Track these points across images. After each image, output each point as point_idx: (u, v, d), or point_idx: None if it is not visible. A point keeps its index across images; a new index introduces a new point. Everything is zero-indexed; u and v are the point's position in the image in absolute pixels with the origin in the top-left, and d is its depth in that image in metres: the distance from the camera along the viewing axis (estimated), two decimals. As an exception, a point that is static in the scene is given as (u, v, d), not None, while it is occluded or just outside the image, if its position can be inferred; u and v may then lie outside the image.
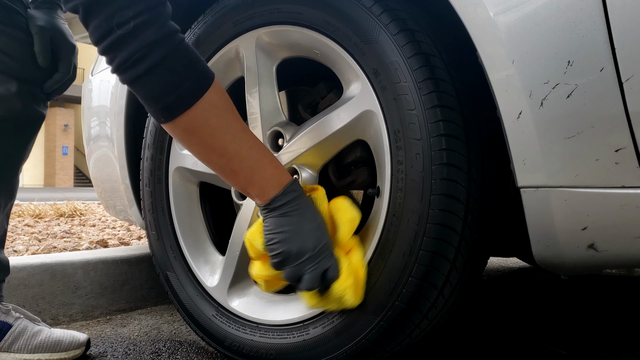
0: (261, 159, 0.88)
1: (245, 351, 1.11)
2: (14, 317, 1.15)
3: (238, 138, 0.86)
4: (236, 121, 0.87)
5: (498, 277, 2.22)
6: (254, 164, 0.87)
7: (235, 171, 0.88)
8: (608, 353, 1.25)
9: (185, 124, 0.83)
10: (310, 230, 0.88)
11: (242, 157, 0.87)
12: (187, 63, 0.82)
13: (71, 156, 27.36)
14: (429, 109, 0.89)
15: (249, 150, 0.87)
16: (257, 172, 0.88)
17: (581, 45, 0.76)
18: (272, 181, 0.89)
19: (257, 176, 0.89)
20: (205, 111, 0.82)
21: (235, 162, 0.88)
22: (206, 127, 0.84)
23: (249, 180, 0.89)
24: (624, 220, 0.78)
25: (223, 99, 0.85)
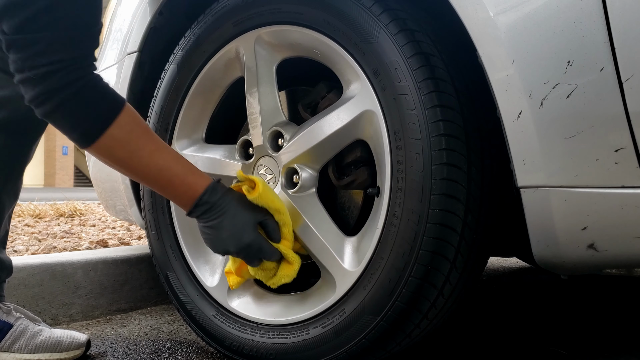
0: (172, 178, 0.97)
1: (245, 351, 1.11)
2: (14, 317, 1.15)
3: (145, 162, 0.95)
4: (146, 145, 0.95)
5: (498, 277, 2.22)
6: (166, 183, 0.97)
7: (154, 187, 1.00)
8: (608, 353, 1.25)
9: (95, 153, 0.94)
10: (227, 237, 0.99)
11: (152, 177, 0.97)
12: (89, 103, 0.90)
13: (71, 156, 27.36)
14: (429, 109, 0.89)
15: (159, 172, 0.96)
16: (169, 189, 0.98)
17: (581, 45, 0.76)
18: (185, 197, 0.98)
19: (171, 193, 1.00)
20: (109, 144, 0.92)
21: (148, 182, 0.99)
22: (113, 156, 0.94)
23: (167, 195, 1.01)
24: (624, 220, 0.78)
25: (128, 129, 0.93)
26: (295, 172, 1.09)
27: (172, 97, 1.27)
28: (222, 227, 0.98)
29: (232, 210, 0.98)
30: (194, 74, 1.24)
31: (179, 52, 1.26)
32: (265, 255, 1.01)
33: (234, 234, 0.98)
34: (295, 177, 1.10)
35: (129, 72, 1.39)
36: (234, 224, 0.98)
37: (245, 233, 0.99)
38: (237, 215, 0.99)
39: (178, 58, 1.26)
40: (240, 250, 1.00)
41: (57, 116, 0.90)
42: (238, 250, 1.00)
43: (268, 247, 1.00)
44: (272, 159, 1.13)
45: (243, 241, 0.99)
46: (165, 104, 1.28)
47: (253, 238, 0.99)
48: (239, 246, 0.99)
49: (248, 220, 0.99)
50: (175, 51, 1.27)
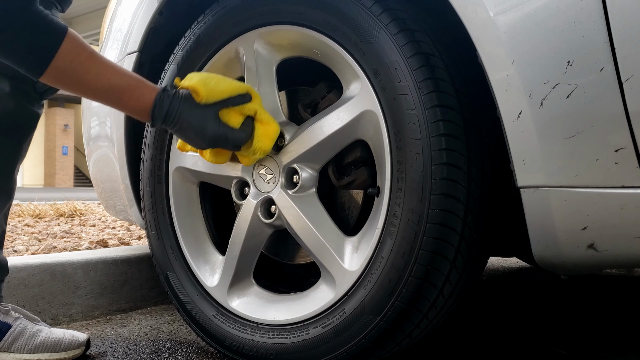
0: (121, 95, 0.99)
1: (245, 351, 1.11)
2: (13, 317, 1.15)
3: (92, 85, 0.97)
4: (90, 68, 0.97)
5: (498, 277, 2.22)
6: (117, 100, 1.00)
7: (109, 105, 1.03)
8: (608, 353, 1.25)
9: (48, 80, 0.96)
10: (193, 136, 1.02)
11: (103, 97, 1.00)
12: (29, 39, 0.91)
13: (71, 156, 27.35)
14: (429, 109, 0.89)
15: (107, 92, 0.99)
16: (123, 105, 1.02)
17: (581, 45, 0.76)
18: (139, 110, 1.01)
19: (127, 109, 1.04)
20: (57, 73, 0.94)
21: (102, 102, 1.02)
22: (63, 82, 0.97)
23: (125, 111, 1.06)
24: (624, 220, 0.78)
25: (72, 56, 0.94)
26: (295, 172, 1.09)
27: (172, 97, 1.27)
28: (186, 129, 1.01)
29: (185, 109, 1.01)
30: (194, 74, 1.23)
31: (179, 52, 1.26)
32: (233, 142, 1.04)
33: (197, 132, 1.01)
34: (295, 177, 1.10)
35: (129, 72, 1.39)
36: (192, 124, 1.01)
37: (206, 128, 1.01)
38: (192, 112, 1.01)
39: (178, 58, 1.26)
40: (210, 144, 1.03)
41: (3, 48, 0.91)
42: (209, 144, 1.03)
43: (232, 134, 1.03)
44: (272, 159, 1.13)
45: (207, 135, 1.01)
46: (165, 104, 1.28)
47: (214, 129, 1.02)
48: (207, 141, 1.02)
49: (205, 113, 1.02)
50: (175, 51, 1.27)
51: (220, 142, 1.03)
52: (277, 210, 1.11)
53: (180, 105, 1.00)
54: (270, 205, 1.14)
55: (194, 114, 1.01)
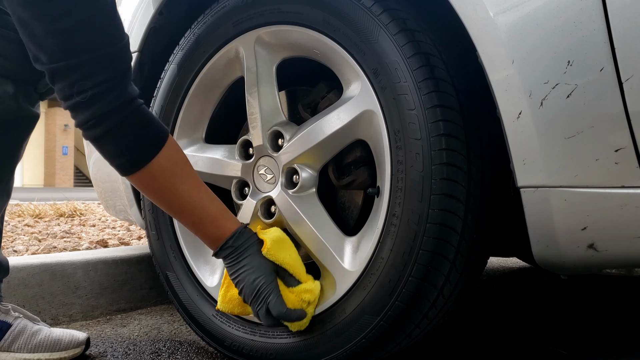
0: (204, 217, 1.00)
1: (245, 351, 1.11)
2: (13, 317, 1.15)
3: (182, 197, 0.97)
4: (187, 179, 0.97)
5: (498, 277, 2.22)
6: (197, 220, 1.00)
7: (184, 222, 1.03)
8: (608, 353, 1.25)
9: (137, 182, 0.96)
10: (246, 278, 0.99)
11: (186, 213, 0.99)
12: (139, 130, 0.93)
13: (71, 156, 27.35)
14: (429, 109, 0.89)
15: (193, 210, 0.98)
16: (199, 227, 1.01)
17: (581, 45, 0.76)
18: (212, 237, 1.01)
19: (200, 231, 1.02)
20: (154, 173, 0.94)
21: (179, 216, 1.02)
22: (154, 186, 0.96)
23: (195, 231, 1.03)
24: (624, 220, 0.78)
25: (173, 161, 0.95)
26: (295, 172, 1.09)
27: (172, 97, 1.27)
28: (241, 268, 1.00)
29: (251, 255, 1.00)
30: (194, 74, 1.24)
31: (179, 52, 1.26)
32: (271, 303, 0.98)
33: (249, 275, 0.99)
34: (295, 177, 1.10)
35: (129, 72, 1.39)
36: (251, 265, 0.99)
37: (259, 276, 0.99)
38: (255, 260, 1.00)
39: (178, 58, 1.26)
40: (252, 293, 0.98)
41: (105, 141, 0.92)
42: (252, 293, 0.99)
43: (276, 297, 0.98)
44: (272, 159, 1.13)
45: (256, 283, 0.98)
46: (165, 104, 1.28)
47: (265, 281, 0.98)
48: (253, 288, 0.98)
49: (264, 265, 1.00)
50: (175, 51, 1.27)
51: (261, 296, 0.98)
52: (277, 210, 1.11)
53: (253, 246, 1.00)
54: (270, 205, 1.14)
55: (257, 258, 1.00)
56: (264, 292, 0.98)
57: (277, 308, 0.98)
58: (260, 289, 0.98)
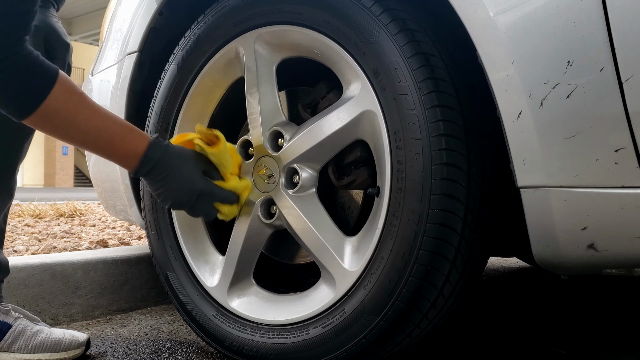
0: (111, 138, 0.97)
1: (245, 351, 1.11)
2: (13, 317, 1.15)
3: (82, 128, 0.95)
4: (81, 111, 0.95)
5: (498, 277, 2.22)
6: (106, 144, 0.98)
7: (95, 151, 1.01)
8: (608, 353, 1.25)
9: (32, 124, 0.93)
10: (178, 187, 1.02)
11: (91, 141, 0.98)
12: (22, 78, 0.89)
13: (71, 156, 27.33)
14: (429, 109, 0.89)
15: (97, 135, 0.97)
16: (111, 151, 0.99)
17: (581, 45, 0.76)
18: (127, 156, 0.99)
19: (113, 154, 1.00)
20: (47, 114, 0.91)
21: (89, 147, 0.99)
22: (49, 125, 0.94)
23: (110, 157, 1.01)
24: (624, 220, 0.78)
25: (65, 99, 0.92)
26: (295, 172, 1.09)
27: (172, 97, 1.27)
28: (171, 180, 1.01)
29: (177, 162, 1.01)
30: (194, 74, 1.24)
31: (179, 52, 1.26)
32: (219, 198, 1.05)
33: (183, 183, 1.01)
34: (295, 177, 1.10)
35: (129, 72, 1.39)
36: (181, 174, 1.01)
37: (195, 181, 1.02)
38: (183, 166, 1.02)
39: (178, 58, 1.26)
40: (193, 199, 1.02)
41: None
42: (191, 199, 1.02)
43: (221, 191, 1.05)
44: (272, 159, 1.13)
45: (194, 189, 1.02)
46: (165, 104, 1.28)
47: (204, 184, 1.03)
48: (191, 195, 1.02)
49: (194, 169, 1.03)
50: (175, 51, 1.27)
51: (205, 197, 1.04)
52: (277, 210, 1.11)
53: (174, 154, 1.01)
54: (270, 206, 1.14)
55: (185, 164, 1.02)
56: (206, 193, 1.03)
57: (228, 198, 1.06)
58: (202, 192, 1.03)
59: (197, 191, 1.02)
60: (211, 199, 1.05)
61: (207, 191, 1.04)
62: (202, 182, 1.03)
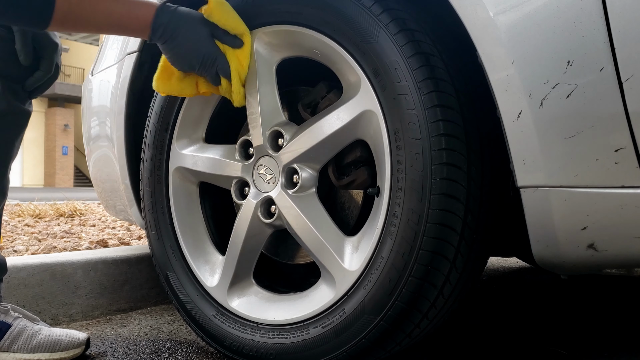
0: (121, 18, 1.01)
1: (245, 351, 1.11)
2: (12, 317, 1.15)
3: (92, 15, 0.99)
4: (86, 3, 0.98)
5: (498, 277, 2.22)
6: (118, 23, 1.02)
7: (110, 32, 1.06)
8: (608, 353, 1.25)
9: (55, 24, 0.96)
10: (189, 50, 1.05)
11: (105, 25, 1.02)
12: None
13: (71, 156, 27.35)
14: (429, 109, 0.89)
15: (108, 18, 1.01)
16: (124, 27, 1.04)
17: (581, 45, 0.76)
18: (140, 28, 1.03)
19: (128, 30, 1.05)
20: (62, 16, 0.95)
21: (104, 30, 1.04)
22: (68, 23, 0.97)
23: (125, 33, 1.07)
24: (624, 220, 0.78)
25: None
26: (295, 172, 1.09)
27: (172, 97, 1.27)
28: (180, 43, 1.04)
29: (185, 26, 1.04)
30: (194, 73, 1.23)
31: (179, 52, 1.25)
32: (219, 66, 1.07)
33: (191, 46, 1.04)
34: (295, 177, 1.10)
35: (129, 72, 1.39)
36: (189, 37, 1.04)
37: (202, 44, 1.05)
38: (190, 29, 1.05)
39: (178, 58, 1.25)
40: (200, 62, 1.06)
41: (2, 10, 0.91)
42: (199, 62, 1.06)
43: (223, 60, 1.08)
44: (272, 159, 1.13)
45: (200, 51, 1.05)
46: (165, 104, 1.28)
47: (209, 48, 1.06)
48: (198, 57, 1.05)
49: (202, 33, 1.05)
50: (175, 51, 1.27)
51: (209, 63, 1.06)
52: (277, 210, 1.11)
53: (182, 17, 1.04)
54: (270, 205, 1.14)
55: (193, 29, 1.05)
56: (210, 57, 1.06)
57: (225, 69, 1.08)
58: (207, 55, 1.05)
59: (202, 54, 1.05)
60: (212, 68, 1.08)
61: (211, 56, 1.06)
62: (208, 46, 1.06)
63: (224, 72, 1.08)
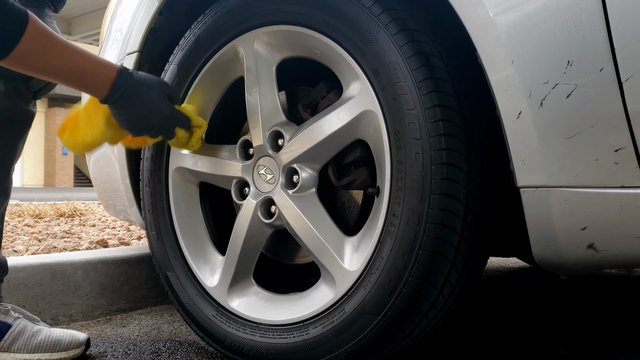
0: (83, 72, 1.02)
1: (245, 351, 1.11)
2: (13, 317, 1.15)
3: (54, 65, 0.99)
4: (52, 50, 0.98)
5: (498, 277, 2.22)
6: (78, 77, 1.02)
7: (67, 84, 1.04)
8: (608, 353, 1.25)
9: (7, 64, 0.96)
10: (148, 113, 1.07)
11: (64, 76, 1.01)
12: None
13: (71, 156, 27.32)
14: (429, 109, 0.89)
15: (70, 70, 1.01)
16: (83, 82, 1.03)
17: (581, 45, 0.76)
18: (98, 85, 1.03)
19: (86, 86, 1.04)
20: (19, 56, 0.94)
21: (63, 81, 1.03)
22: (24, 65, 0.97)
23: (83, 88, 1.05)
24: (624, 220, 0.78)
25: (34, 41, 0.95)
26: (295, 172, 1.09)
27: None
28: (141, 105, 1.06)
29: (144, 90, 1.06)
30: (193, 74, 1.24)
31: (179, 53, 1.26)
32: (180, 123, 1.12)
33: (154, 109, 1.07)
34: (295, 177, 1.10)
35: (129, 72, 1.39)
36: (151, 100, 1.07)
37: (164, 106, 1.09)
38: (151, 92, 1.07)
39: (178, 58, 1.26)
40: (161, 123, 1.09)
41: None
42: (160, 123, 1.09)
43: (182, 115, 1.13)
44: (272, 159, 1.13)
45: (164, 113, 1.09)
46: (165, 104, 1.28)
47: (171, 108, 1.10)
48: (161, 119, 1.09)
49: (162, 95, 1.09)
50: (175, 51, 1.27)
51: (172, 121, 1.10)
52: (277, 210, 1.11)
53: (142, 81, 1.06)
54: (270, 205, 1.14)
55: (153, 91, 1.07)
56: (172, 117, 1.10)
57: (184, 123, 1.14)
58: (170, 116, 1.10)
59: (165, 116, 1.09)
60: (174, 122, 1.11)
61: (174, 115, 1.11)
62: (169, 107, 1.10)
63: (185, 125, 1.13)
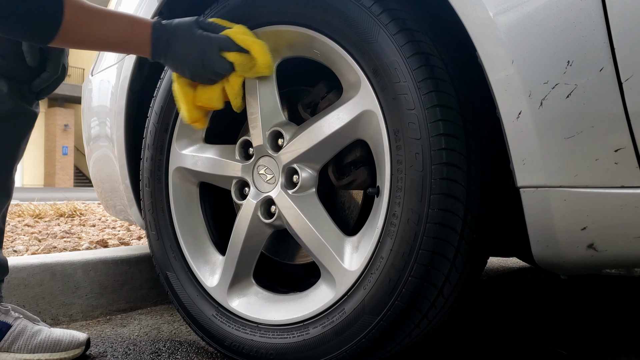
0: (124, 35, 1.05)
1: (245, 351, 1.11)
2: (13, 317, 1.15)
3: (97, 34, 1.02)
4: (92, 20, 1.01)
5: (498, 277, 2.22)
6: (120, 42, 1.06)
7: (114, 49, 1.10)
8: (608, 353, 1.25)
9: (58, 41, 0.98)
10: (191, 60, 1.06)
11: (109, 42, 1.05)
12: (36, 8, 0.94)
13: (71, 156, 27.34)
14: (429, 109, 0.89)
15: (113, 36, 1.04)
16: (126, 46, 1.07)
17: (581, 45, 0.76)
18: (139, 45, 1.06)
19: (128, 49, 1.09)
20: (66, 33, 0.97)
21: (106, 47, 1.07)
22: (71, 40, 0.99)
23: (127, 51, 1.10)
24: (624, 220, 0.78)
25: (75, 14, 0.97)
26: (295, 172, 1.09)
27: (172, 97, 1.27)
28: (184, 55, 1.06)
29: (182, 34, 1.06)
30: (193, 74, 1.23)
31: (179, 52, 1.25)
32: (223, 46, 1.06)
33: (194, 52, 1.06)
34: (295, 177, 1.10)
35: (129, 72, 1.39)
36: (194, 39, 1.06)
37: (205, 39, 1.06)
38: (191, 33, 1.06)
39: (178, 58, 1.25)
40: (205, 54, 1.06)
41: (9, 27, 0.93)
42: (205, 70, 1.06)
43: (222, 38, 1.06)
44: (272, 159, 1.13)
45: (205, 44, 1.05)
46: (165, 104, 1.28)
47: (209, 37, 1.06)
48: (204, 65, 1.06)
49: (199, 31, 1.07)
50: (175, 51, 1.27)
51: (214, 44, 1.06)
52: (277, 210, 1.11)
53: (178, 26, 1.06)
54: (270, 205, 1.14)
55: (191, 32, 1.06)
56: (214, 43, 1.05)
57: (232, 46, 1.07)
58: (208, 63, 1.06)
59: (205, 62, 1.05)
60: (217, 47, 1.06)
61: (213, 41, 1.06)
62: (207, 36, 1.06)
63: (228, 45, 1.06)
